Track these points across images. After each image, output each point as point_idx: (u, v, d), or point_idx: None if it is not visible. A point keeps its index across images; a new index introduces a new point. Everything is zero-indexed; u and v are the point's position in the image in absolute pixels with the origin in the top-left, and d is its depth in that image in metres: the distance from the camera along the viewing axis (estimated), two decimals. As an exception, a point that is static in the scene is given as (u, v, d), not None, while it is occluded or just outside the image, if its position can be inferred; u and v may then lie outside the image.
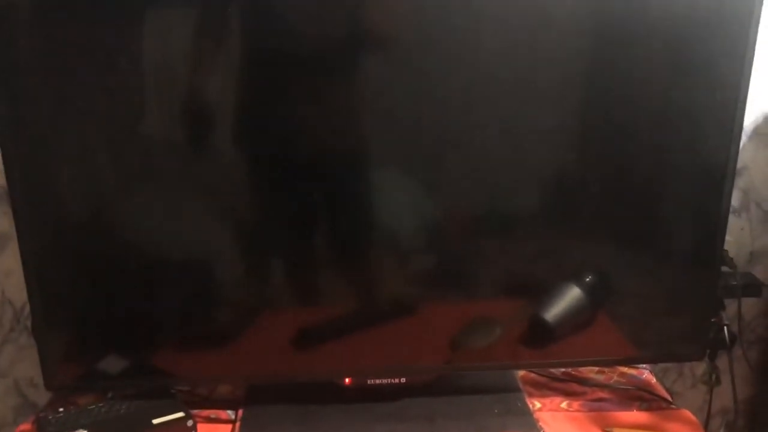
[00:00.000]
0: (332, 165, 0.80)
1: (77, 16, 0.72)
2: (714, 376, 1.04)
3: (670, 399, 0.92)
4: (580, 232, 0.86)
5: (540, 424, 0.86)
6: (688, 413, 0.89)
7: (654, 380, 0.97)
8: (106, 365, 0.84)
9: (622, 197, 0.84)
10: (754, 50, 0.75)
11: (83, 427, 0.79)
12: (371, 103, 0.78)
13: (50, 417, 0.81)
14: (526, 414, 0.88)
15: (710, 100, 0.79)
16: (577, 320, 0.89)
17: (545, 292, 0.88)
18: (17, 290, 0.99)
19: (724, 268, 1.00)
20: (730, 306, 1.02)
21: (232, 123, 0.78)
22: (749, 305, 1.08)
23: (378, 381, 0.88)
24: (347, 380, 0.88)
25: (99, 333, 0.84)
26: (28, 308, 0.81)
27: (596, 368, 0.98)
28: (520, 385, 0.94)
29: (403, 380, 0.88)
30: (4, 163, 0.74)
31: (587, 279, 0.88)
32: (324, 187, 0.81)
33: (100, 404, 0.84)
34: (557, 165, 0.82)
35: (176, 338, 0.86)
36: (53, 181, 0.78)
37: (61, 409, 0.84)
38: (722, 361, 1.01)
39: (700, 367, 1.09)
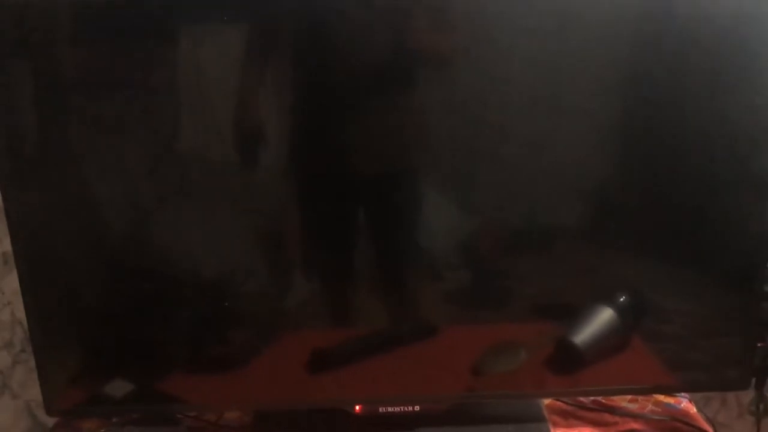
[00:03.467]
0: (364, 185, 0.77)
1: (120, 33, 0.71)
2: (762, 406, 0.97)
3: (711, 431, 0.84)
4: (615, 249, 0.80)
5: (566, 457, 0.80)
6: (731, 448, 0.81)
7: (694, 410, 0.89)
8: (111, 389, 0.81)
9: (659, 213, 0.79)
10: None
11: (82, 455, 0.76)
12: (409, 123, 0.76)
13: (51, 443, 0.79)
14: (551, 447, 0.81)
15: (753, 112, 0.74)
16: (609, 344, 0.83)
17: (575, 313, 0.82)
18: (27, 310, 0.98)
19: (770, 288, 0.93)
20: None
21: (267, 143, 0.76)
22: (800, 328, 0.99)
23: (390, 409, 0.83)
24: (357, 408, 0.83)
25: (104, 357, 0.81)
26: (29, 333, 0.78)
27: (629, 396, 0.91)
28: (546, 414, 0.87)
29: (417, 408, 0.83)
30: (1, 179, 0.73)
31: (621, 299, 0.82)
32: (355, 207, 0.78)
33: (105, 430, 0.82)
34: (594, 181, 0.78)
35: (184, 363, 0.83)
36: (53, 200, 0.75)
37: (62, 434, 0.82)
38: (771, 390, 0.94)
39: (747, 396, 1.01)
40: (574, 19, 0.72)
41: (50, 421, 0.94)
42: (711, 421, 0.88)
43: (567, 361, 0.82)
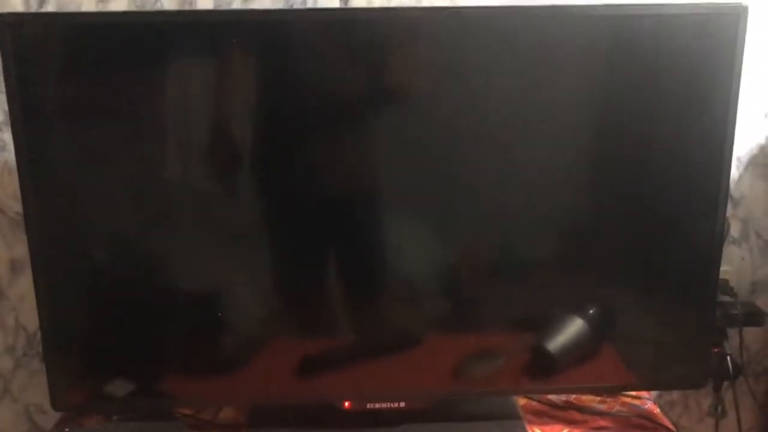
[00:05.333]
0: (346, 209, 0.83)
1: (100, 67, 0.77)
2: (720, 408, 1.04)
3: (673, 428, 0.91)
4: (583, 269, 0.87)
5: (540, 450, 0.86)
6: (690, 442, 0.88)
7: (657, 410, 0.96)
8: (113, 388, 0.86)
9: (622, 234, 0.86)
10: (739, 80, 0.78)
11: (86, 447, 0.81)
12: (385, 152, 0.82)
13: (56, 437, 0.83)
14: (526, 441, 0.88)
15: (699, 130, 0.81)
16: (580, 351, 0.89)
17: (549, 323, 0.89)
18: (31, 316, 1.02)
19: (725, 298, 1.01)
20: (734, 337, 1.02)
21: (250, 168, 0.82)
22: (754, 336, 1.07)
23: (377, 405, 0.88)
24: (347, 404, 0.89)
25: (107, 357, 0.86)
26: (40, 334, 0.83)
27: (598, 398, 0.98)
28: (521, 413, 0.94)
29: (402, 404, 0.88)
30: (21, 189, 0.78)
31: (590, 311, 0.89)
32: (337, 229, 0.84)
33: (105, 425, 0.86)
34: (564, 209, 0.85)
35: (183, 364, 0.88)
36: (68, 208, 0.81)
37: (66, 430, 0.86)
38: (729, 393, 1.01)
39: (706, 401, 1.08)
40: (545, 54, 0.78)
41: (48, 426, 0.98)
42: (675, 424, 0.94)
43: (541, 367, 0.89)
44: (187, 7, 0.94)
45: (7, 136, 0.96)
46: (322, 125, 0.80)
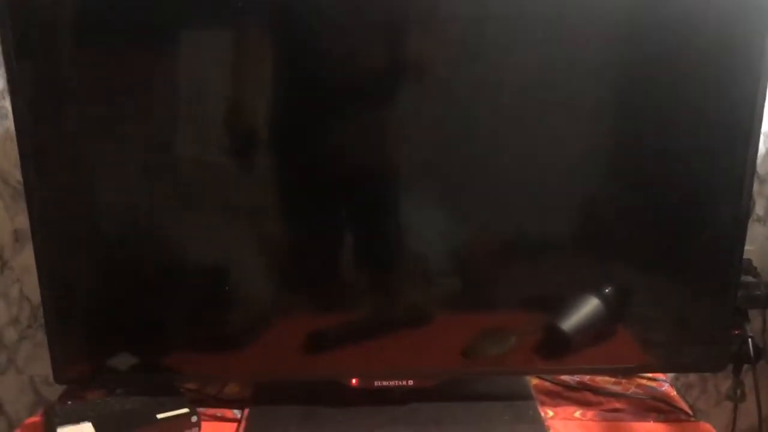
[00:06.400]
0: (359, 184, 0.80)
1: (104, 34, 0.74)
2: (739, 391, 1.01)
3: (689, 411, 0.88)
4: (600, 247, 0.84)
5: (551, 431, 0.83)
6: (708, 426, 0.85)
7: (674, 393, 0.93)
8: (116, 362, 0.84)
9: (641, 210, 0.83)
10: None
11: (89, 419, 0.79)
12: (400, 127, 0.79)
13: (58, 409, 0.82)
14: (537, 422, 0.85)
15: (726, 104, 0.77)
16: (595, 330, 0.87)
17: (563, 302, 0.86)
18: (35, 288, 0.98)
19: (748, 278, 0.97)
20: (757, 319, 0.99)
21: (266, 141, 0.79)
22: (777, 319, 1.04)
23: (385, 383, 0.86)
24: (354, 381, 0.87)
25: (111, 330, 0.84)
26: (42, 306, 0.82)
27: (613, 379, 0.95)
28: (533, 394, 0.91)
29: (410, 383, 0.86)
30: (21, 158, 0.76)
31: (606, 290, 0.86)
32: (349, 205, 0.82)
33: (108, 399, 0.85)
34: (582, 186, 0.82)
35: (189, 338, 0.86)
36: (70, 178, 0.79)
37: (69, 402, 0.85)
38: (749, 377, 0.98)
39: (725, 383, 1.05)
40: (564, 28, 0.75)
41: (53, 397, 0.97)
42: (691, 407, 0.91)
43: (555, 346, 0.86)
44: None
45: (9, 104, 0.93)
46: (335, 100, 0.78)
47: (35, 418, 0.86)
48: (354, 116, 0.78)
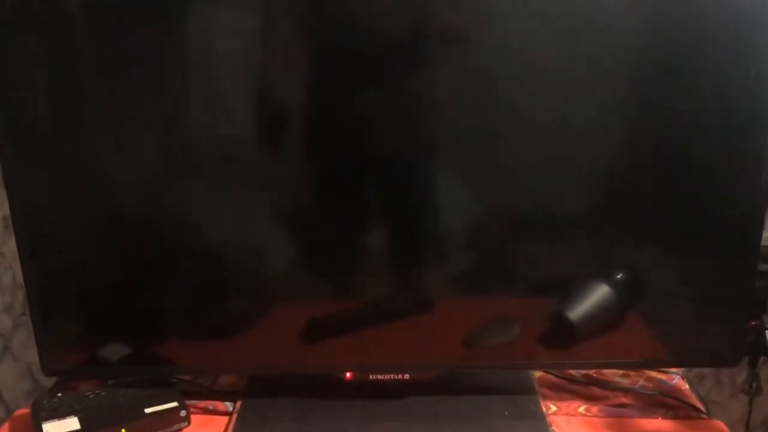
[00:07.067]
0: (376, 161, 0.77)
1: (137, 14, 0.71)
2: (754, 385, 0.96)
3: (701, 407, 0.84)
4: (613, 229, 0.80)
5: (553, 428, 0.80)
6: (720, 423, 0.81)
7: (685, 386, 0.89)
8: (107, 352, 0.83)
9: (657, 197, 0.79)
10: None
11: (75, 413, 0.78)
12: (415, 101, 0.76)
13: (45, 402, 0.80)
14: (539, 418, 0.82)
15: (746, 83, 0.73)
16: (604, 320, 0.83)
17: (571, 289, 0.82)
18: (28, 275, 0.99)
19: (765, 267, 0.92)
20: (775, 309, 0.94)
21: (282, 116, 0.76)
22: (796, 308, 0.99)
23: (380, 376, 0.83)
24: (348, 375, 0.84)
25: (100, 320, 0.82)
26: (26, 294, 0.80)
27: (621, 372, 0.91)
28: (536, 387, 0.88)
29: (406, 377, 0.83)
30: None
31: (617, 277, 0.82)
32: (363, 184, 0.79)
33: (98, 391, 0.83)
34: (598, 165, 0.78)
35: (182, 329, 0.84)
36: (54, 158, 0.76)
37: (59, 394, 0.83)
38: (765, 369, 0.93)
39: (741, 375, 1.01)
40: (596, 9, 0.71)
41: (50, 384, 0.95)
42: (702, 399, 0.87)
43: (561, 336, 0.82)
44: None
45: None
46: (355, 73, 0.74)
47: (24, 410, 0.84)
48: (370, 89, 0.75)
